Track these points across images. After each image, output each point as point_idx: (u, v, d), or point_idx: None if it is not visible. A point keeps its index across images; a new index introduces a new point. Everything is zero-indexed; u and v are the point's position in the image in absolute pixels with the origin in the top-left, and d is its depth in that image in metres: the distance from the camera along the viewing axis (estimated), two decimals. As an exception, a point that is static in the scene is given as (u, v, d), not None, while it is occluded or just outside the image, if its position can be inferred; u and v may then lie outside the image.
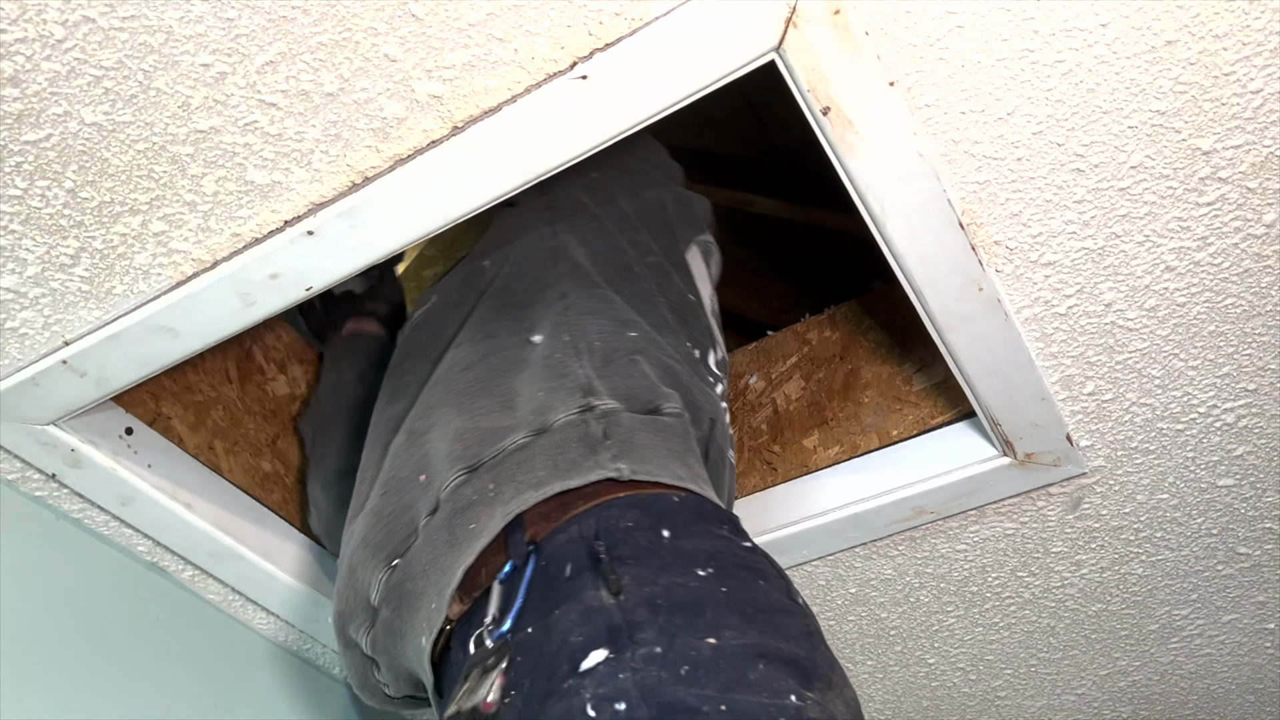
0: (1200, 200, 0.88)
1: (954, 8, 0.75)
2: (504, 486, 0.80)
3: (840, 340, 1.39)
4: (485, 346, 0.96)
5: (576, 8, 0.75)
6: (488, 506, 0.79)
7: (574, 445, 0.81)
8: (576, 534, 0.74)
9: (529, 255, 1.07)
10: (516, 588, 0.72)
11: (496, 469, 0.81)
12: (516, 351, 0.93)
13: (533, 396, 0.87)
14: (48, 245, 0.87)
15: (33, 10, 0.72)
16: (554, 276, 1.02)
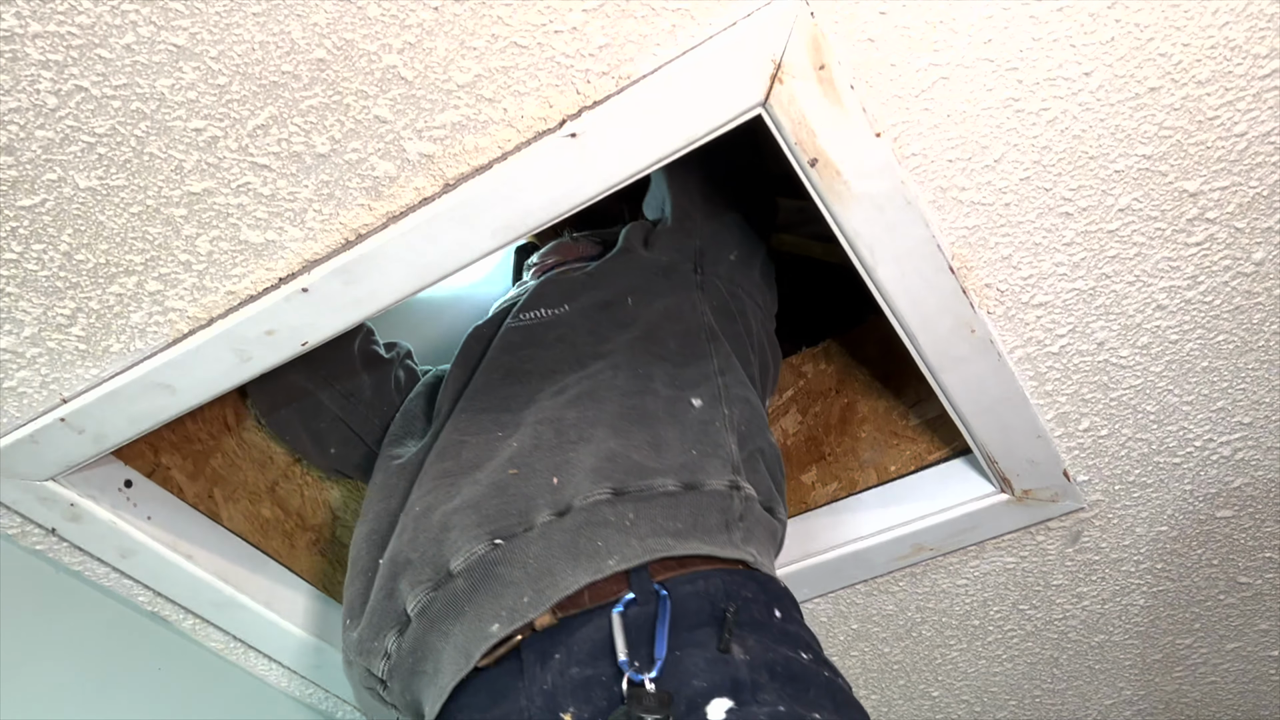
0: (1189, 240, 0.88)
1: (937, 60, 0.76)
2: (642, 522, 0.83)
3: (835, 373, 1.39)
4: (643, 385, 0.98)
5: (564, 68, 0.76)
6: (623, 534, 0.82)
7: (715, 513, 0.86)
8: (703, 589, 0.79)
9: (680, 318, 1.09)
10: (648, 626, 0.76)
11: (640, 503, 0.84)
12: (673, 405, 0.96)
13: (684, 451, 0.90)
14: (44, 306, 0.88)
15: (26, 80, 0.73)
16: (709, 350, 1.06)
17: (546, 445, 0.91)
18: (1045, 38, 0.74)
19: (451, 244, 0.85)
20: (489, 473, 0.91)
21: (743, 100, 0.77)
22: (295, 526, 1.32)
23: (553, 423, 0.93)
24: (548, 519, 0.83)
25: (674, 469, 0.88)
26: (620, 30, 0.74)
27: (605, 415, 0.93)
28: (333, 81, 0.75)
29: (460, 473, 0.93)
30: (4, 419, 0.97)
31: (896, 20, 0.73)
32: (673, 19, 0.73)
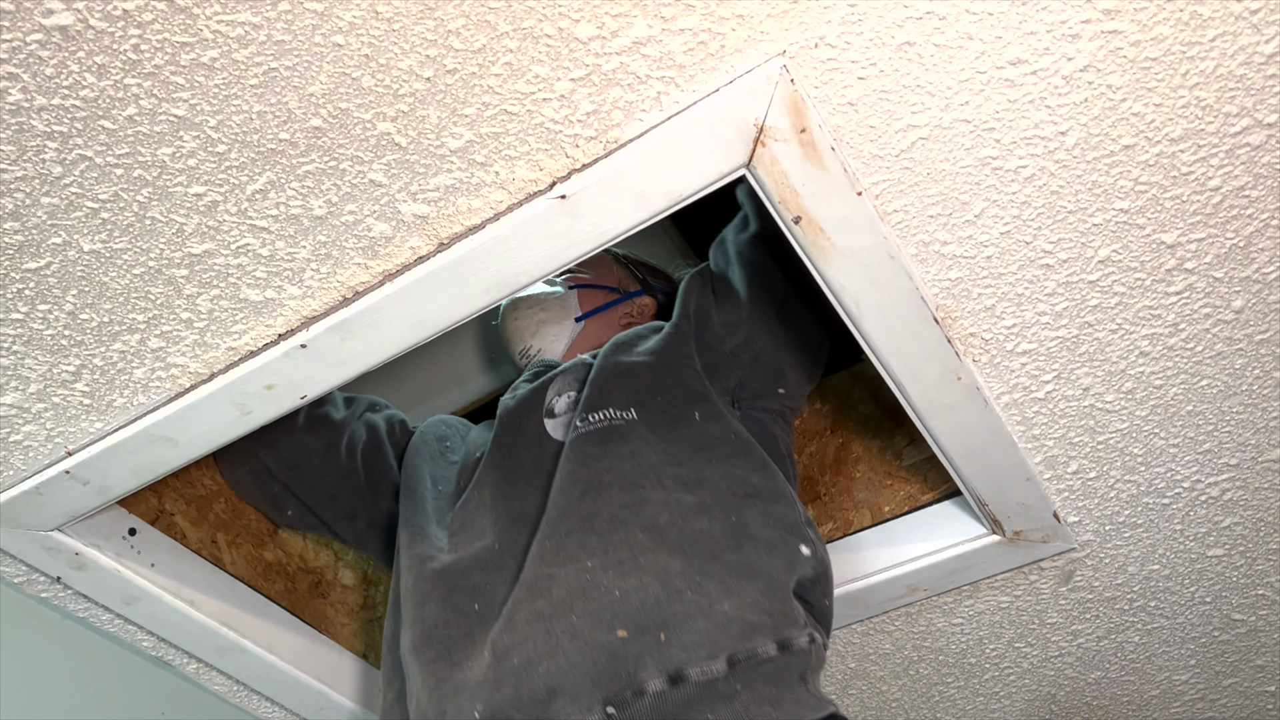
0: (1169, 289, 0.90)
1: (916, 121, 0.78)
2: (746, 692, 0.84)
3: (830, 413, 1.41)
4: (740, 533, 0.97)
5: (553, 133, 0.78)
6: (730, 706, 0.83)
7: (801, 669, 0.89)
8: None
9: (749, 448, 1.08)
10: None
11: (747, 672, 0.85)
12: (768, 553, 0.96)
13: (776, 602, 0.91)
14: (49, 364, 0.90)
15: (31, 151, 0.75)
16: (785, 488, 1.06)
17: (653, 600, 0.89)
18: (1021, 99, 0.77)
19: (446, 301, 0.87)
20: (591, 626, 0.87)
21: (727, 162, 0.79)
22: (298, 569, 1.34)
23: (657, 573, 0.91)
24: (660, 688, 0.83)
25: (771, 627, 0.88)
26: (607, 97, 0.76)
27: (713, 570, 0.92)
28: (329, 148, 0.78)
29: (555, 615, 0.90)
30: (10, 471, 0.99)
31: (875, 85, 0.76)
32: (658, 86, 0.75)
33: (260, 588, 1.27)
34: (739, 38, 0.73)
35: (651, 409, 1.10)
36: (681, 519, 0.97)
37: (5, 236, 0.80)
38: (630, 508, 0.97)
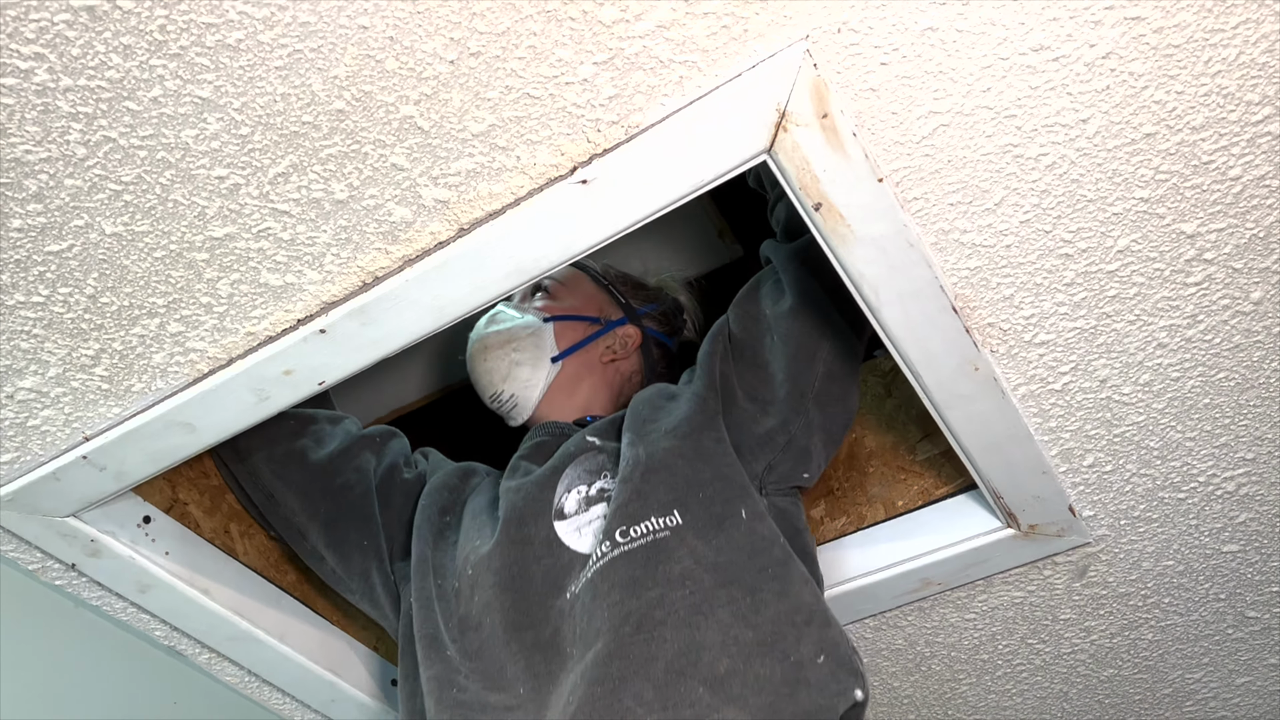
0: (1188, 280, 0.90)
1: (938, 108, 0.78)
2: None
3: (845, 409, 1.41)
4: (795, 673, 0.94)
5: (575, 117, 0.78)
6: None
7: None
8: None
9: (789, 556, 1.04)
10: None
11: None
12: (800, 700, 0.93)
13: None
14: (69, 348, 0.90)
15: (56, 132, 0.75)
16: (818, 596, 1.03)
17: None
18: (1042, 86, 0.77)
19: (465, 286, 0.87)
20: None
21: (748, 147, 0.79)
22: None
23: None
24: None
25: None
26: (629, 81, 0.76)
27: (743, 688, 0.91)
28: (352, 131, 0.78)
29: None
30: (28, 456, 0.99)
31: (898, 70, 0.76)
32: (680, 71, 0.76)
33: (273, 578, 1.27)
34: (762, 22, 0.73)
35: (695, 510, 1.02)
36: (743, 663, 0.92)
37: (29, 219, 0.80)
38: (688, 655, 0.92)
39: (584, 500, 1.06)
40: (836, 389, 1.15)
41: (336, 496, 1.21)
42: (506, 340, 1.35)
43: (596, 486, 1.06)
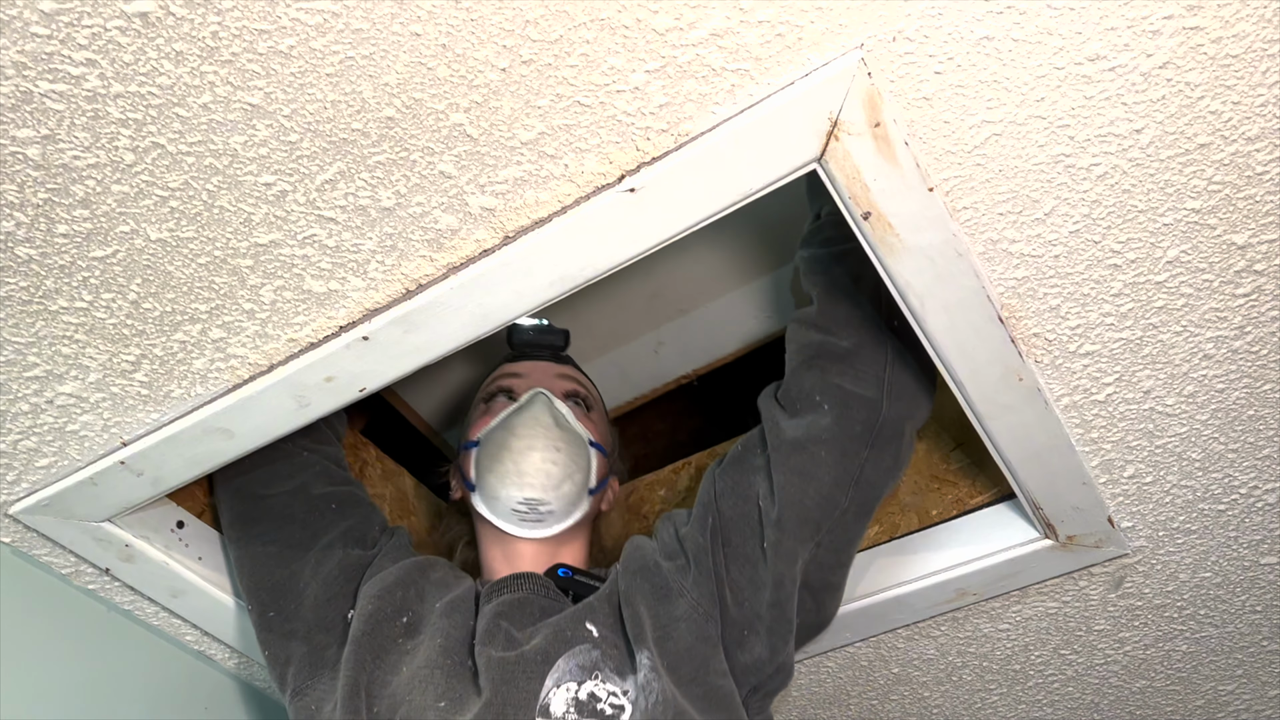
0: (1237, 291, 0.89)
1: (990, 117, 0.77)
2: None
3: (875, 417, 1.40)
4: None
5: (624, 125, 0.78)
6: None
7: None
8: None
9: None
10: None
11: None
12: None
13: None
14: (110, 353, 0.90)
15: (105, 138, 0.75)
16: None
17: None
18: (1097, 96, 0.76)
19: (509, 294, 0.86)
20: None
21: (799, 156, 0.78)
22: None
23: None
24: None
25: None
26: (681, 90, 0.76)
27: None
28: (400, 138, 0.77)
29: None
30: (65, 461, 0.99)
31: (951, 79, 0.75)
32: (732, 79, 0.75)
33: (304, 583, 1.26)
34: (817, 30, 0.73)
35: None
36: None
37: (75, 224, 0.80)
38: None
39: (573, 703, 0.95)
40: (829, 599, 1.08)
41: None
42: (577, 450, 1.22)
43: (588, 690, 0.96)
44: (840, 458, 1.02)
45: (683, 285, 1.54)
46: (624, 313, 1.58)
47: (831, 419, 1.02)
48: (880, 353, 1.04)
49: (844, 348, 1.04)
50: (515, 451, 1.19)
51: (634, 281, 1.51)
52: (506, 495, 1.17)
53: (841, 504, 1.02)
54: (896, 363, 1.04)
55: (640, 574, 1.06)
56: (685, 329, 1.60)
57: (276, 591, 1.10)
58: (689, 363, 1.66)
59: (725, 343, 1.63)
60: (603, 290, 1.52)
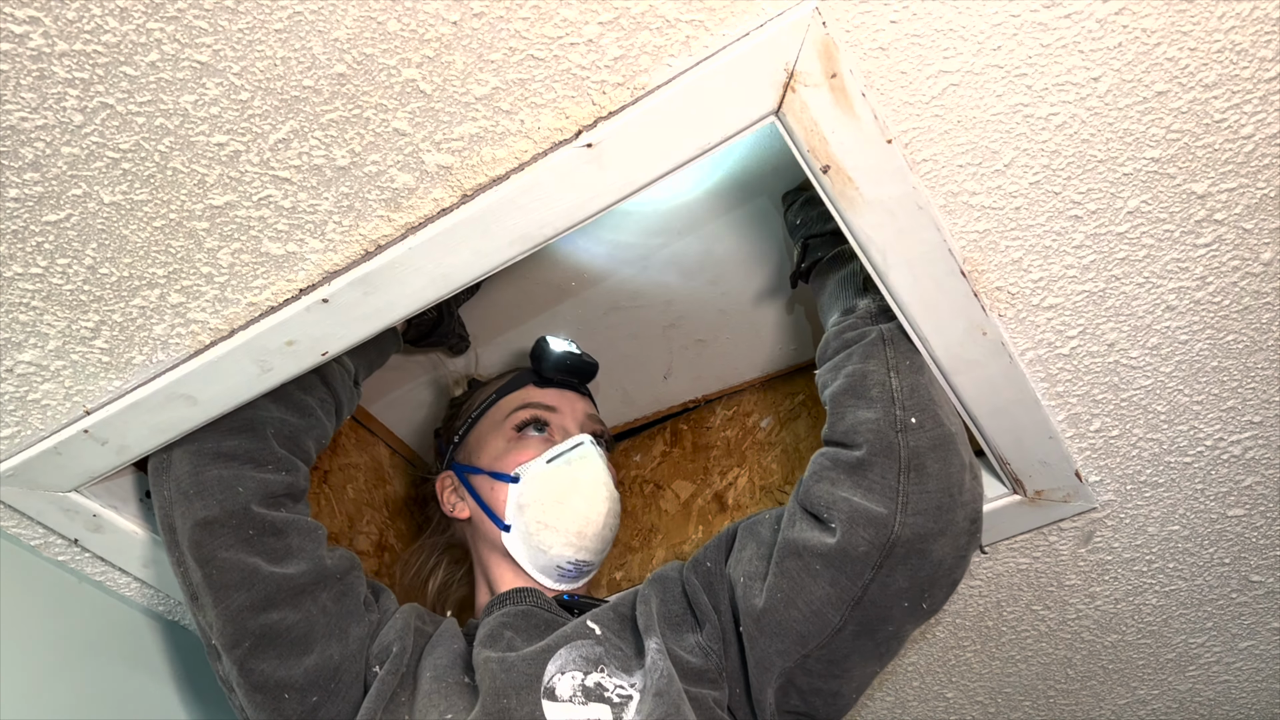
0: (1198, 242, 0.89)
1: (948, 67, 0.77)
2: None
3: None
4: None
5: (579, 79, 0.77)
6: None
7: None
8: None
9: None
10: None
11: None
12: None
13: None
14: (68, 320, 0.89)
15: (53, 98, 0.74)
16: None
17: None
18: (1054, 44, 0.76)
19: (469, 254, 0.86)
20: None
21: (756, 108, 0.78)
22: (313, 535, 1.33)
23: None
24: None
25: None
26: (635, 42, 0.75)
27: None
28: (353, 95, 0.77)
29: None
30: (28, 431, 0.98)
31: (907, 28, 0.75)
32: (687, 30, 0.74)
33: (276, 552, 1.26)
34: (770, -21, 0.72)
35: None
36: None
37: (25, 188, 0.79)
38: None
39: (580, 689, 0.95)
40: (822, 705, 1.01)
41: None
42: (619, 507, 1.24)
43: (594, 679, 0.96)
44: (837, 576, 0.92)
45: (704, 316, 1.42)
46: (635, 341, 1.46)
47: (836, 536, 0.92)
48: (892, 460, 0.91)
49: (854, 458, 0.93)
50: (577, 513, 1.16)
51: (653, 312, 1.41)
52: (558, 554, 1.15)
53: (834, 622, 0.93)
54: (913, 471, 0.91)
55: (662, 598, 1.07)
56: (700, 357, 1.49)
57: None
58: (699, 388, 1.55)
59: (742, 370, 1.51)
60: (616, 319, 1.43)
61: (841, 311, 1.03)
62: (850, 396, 0.96)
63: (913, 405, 0.92)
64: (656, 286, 1.38)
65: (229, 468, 0.97)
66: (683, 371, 1.52)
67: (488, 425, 1.28)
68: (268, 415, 1.01)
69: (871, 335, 0.98)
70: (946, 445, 0.92)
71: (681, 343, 1.47)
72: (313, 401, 1.06)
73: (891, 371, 0.95)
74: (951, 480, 0.91)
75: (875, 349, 0.97)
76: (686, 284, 1.37)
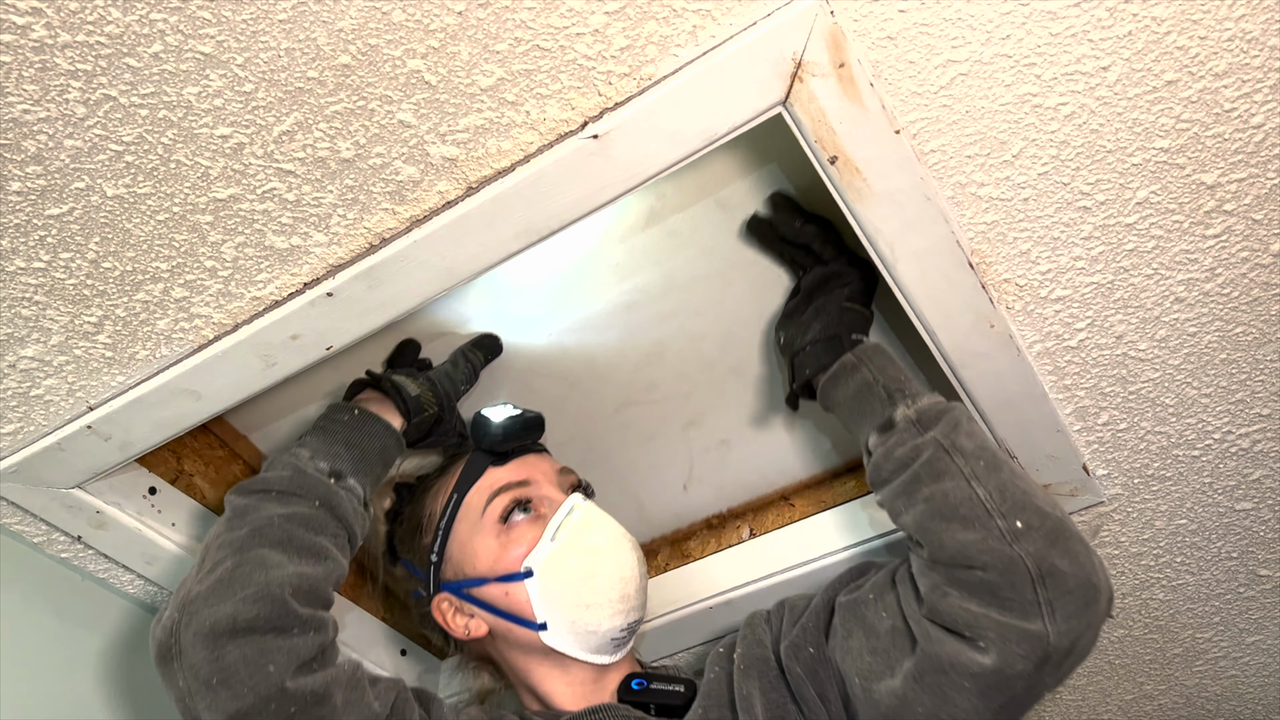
0: (1207, 233, 0.89)
1: (956, 56, 0.76)
2: None
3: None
4: None
5: (585, 70, 0.76)
6: None
7: None
8: None
9: None
10: None
11: None
12: None
13: None
14: (71, 314, 0.89)
15: (55, 90, 0.73)
16: None
17: None
18: (1063, 33, 0.75)
19: (475, 247, 0.85)
20: None
21: (763, 99, 0.77)
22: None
23: None
24: None
25: None
26: (642, 32, 0.74)
27: None
28: (357, 87, 0.76)
29: None
30: (31, 426, 0.98)
31: (916, 18, 0.74)
32: (694, 20, 0.74)
33: (280, 549, 1.26)
34: (778, -32, 0.72)
35: None
36: None
37: (28, 181, 0.79)
38: None
39: None
40: None
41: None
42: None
43: None
44: (988, 690, 0.86)
45: (729, 411, 1.27)
46: (651, 443, 1.31)
47: (991, 656, 0.85)
48: (1021, 575, 0.85)
49: (979, 579, 0.87)
50: (612, 578, 1.06)
51: (669, 407, 1.27)
52: (611, 627, 1.06)
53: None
54: (1047, 578, 0.85)
55: (756, 665, 1.03)
56: (724, 462, 1.32)
57: None
58: (724, 500, 1.37)
59: (773, 478, 1.35)
60: (628, 419, 1.29)
61: (878, 428, 0.97)
62: (939, 521, 0.89)
63: (1011, 509, 0.87)
64: (675, 377, 1.23)
65: (251, 643, 0.84)
66: (706, 482, 1.35)
67: (464, 529, 1.11)
68: (281, 574, 0.88)
69: (929, 450, 0.91)
70: (1063, 534, 0.87)
71: (703, 444, 1.31)
72: (325, 541, 0.95)
73: (971, 481, 0.89)
74: (1084, 569, 0.87)
75: (942, 464, 0.90)
76: (707, 374, 1.23)
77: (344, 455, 1.00)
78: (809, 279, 1.06)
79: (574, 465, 1.23)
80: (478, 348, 1.18)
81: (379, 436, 1.03)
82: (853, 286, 1.04)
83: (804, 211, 1.05)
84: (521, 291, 1.16)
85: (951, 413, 0.94)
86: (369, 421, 1.04)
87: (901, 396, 0.96)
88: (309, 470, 0.97)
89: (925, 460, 0.91)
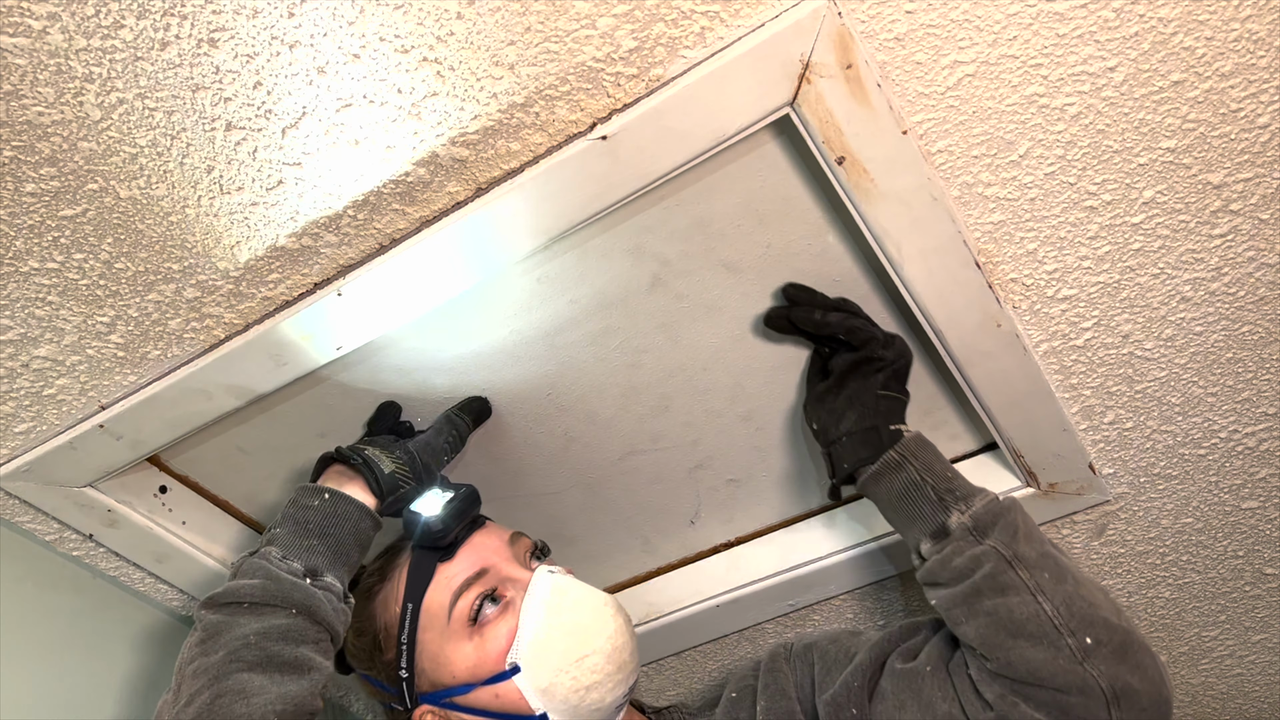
0: (1213, 232, 0.89)
1: (963, 57, 0.77)
2: None
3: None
4: None
5: (594, 71, 0.77)
6: None
7: None
8: None
9: None
10: None
11: None
12: None
13: None
14: (84, 315, 0.89)
15: (70, 94, 0.74)
16: None
17: None
18: (1069, 34, 0.76)
19: (484, 247, 0.86)
20: None
21: (771, 100, 0.78)
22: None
23: None
24: None
25: None
26: (650, 34, 0.75)
27: None
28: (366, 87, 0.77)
29: None
30: (44, 426, 0.98)
31: (923, 19, 0.75)
32: (702, 22, 0.74)
33: (290, 547, 1.26)
34: (786, -30, 0.72)
35: None
36: None
37: (42, 183, 0.79)
38: None
39: None
40: None
41: None
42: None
43: None
44: None
45: (737, 454, 1.23)
46: (656, 486, 1.26)
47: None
48: (1095, 697, 0.84)
49: (1051, 697, 0.85)
50: (602, 650, 0.98)
51: (675, 454, 1.21)
52: (614, 698, 0.99)
53: None
54: (1121, 698, 0.83)
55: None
56: (731, 499, 1.29)
57: None
58: (732, 530, 1.34)
59: (783, 510, 1.31)
60: (635, 463, 1.22)
61: (931, 536, 0.93)
62: (1005, 636, 0.86)
63: (1080, 625, 0.85)
64: (681, 426, 1.18)
65: None
66: (713, 517, 1.31)
67: (432, 639, 0.99)
68: (263, 701, 0.81)
69: (991, 561, 0.88)
70: (1132, 648, 0.86)
71: (710, 484, 1.27)
72: (307, 651, 0.87)
73: (1037, 595, 0.86)
74: (1155, 685, 0.85)
75: (1006, 576, 0.87)
76: (715, 422, 1.18)
77: (318, 549, 0.92)
78: (840, 362, 1.00)
79: (574, 512, 1.18)
80: (464, 411, 1.08)
81: (352, 519, 0.95)
82: (886, 372, 0.99)
83: (822, 300, 1.00)
84: (518, 353, 1.07)
85: (1008, 515, 0.91)
86: (340, 503, 0.94)
87: (954, 499, 0.93)
88: (282, 575, 0.88)
89: (986, 573, 0.88)
